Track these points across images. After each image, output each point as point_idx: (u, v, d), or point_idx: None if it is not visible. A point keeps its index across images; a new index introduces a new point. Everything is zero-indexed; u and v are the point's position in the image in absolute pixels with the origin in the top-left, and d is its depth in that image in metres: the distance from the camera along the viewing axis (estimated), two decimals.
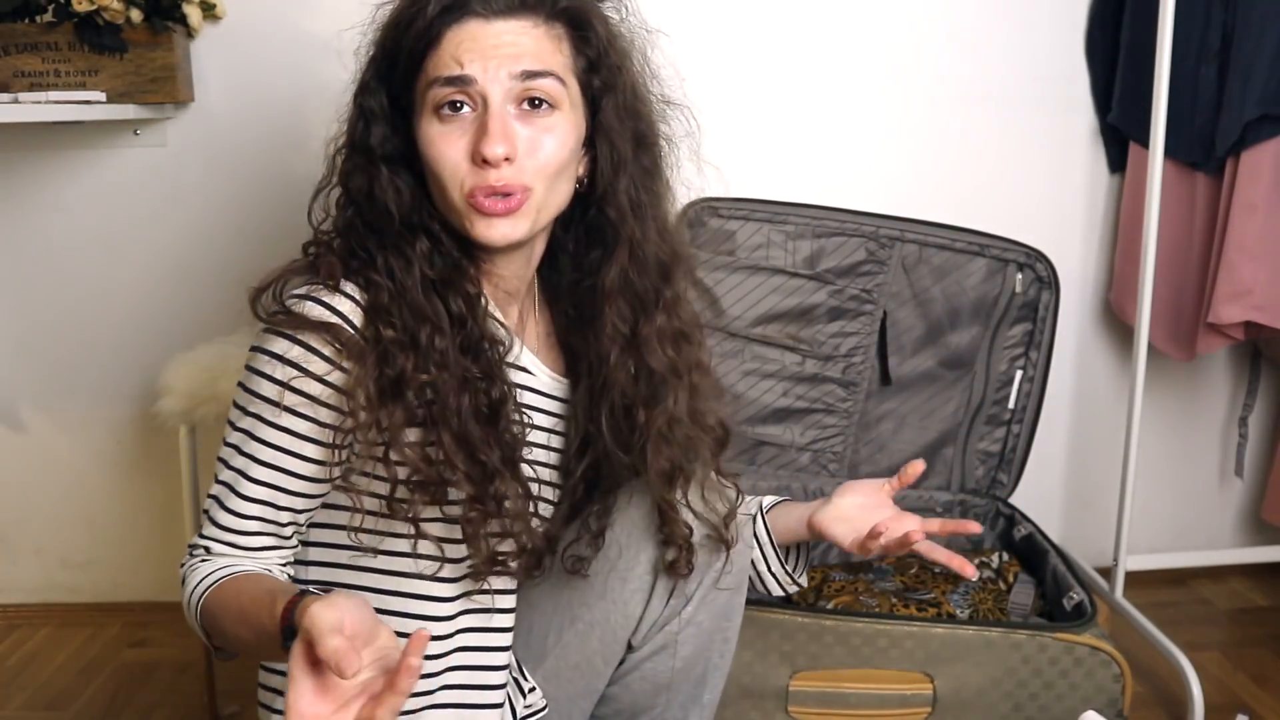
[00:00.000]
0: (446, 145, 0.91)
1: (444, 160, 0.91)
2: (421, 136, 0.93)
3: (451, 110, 0.91)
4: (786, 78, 1.85)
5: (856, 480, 1.17)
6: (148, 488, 1.95)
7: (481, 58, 0.90)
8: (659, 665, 1.10)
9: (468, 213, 0.92)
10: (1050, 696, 1.40)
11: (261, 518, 0.93)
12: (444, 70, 0.91)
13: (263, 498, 0.92)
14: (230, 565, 0.92)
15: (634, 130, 0.99)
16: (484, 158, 0.89)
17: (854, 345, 1.76)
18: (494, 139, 0.89)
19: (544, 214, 0.95)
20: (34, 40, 1.60)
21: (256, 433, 0.91)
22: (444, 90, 0.91)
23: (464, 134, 0.91)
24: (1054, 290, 1.76)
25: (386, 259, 0.92)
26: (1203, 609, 1.99)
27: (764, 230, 1.72)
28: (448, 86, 0.90)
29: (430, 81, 0.91)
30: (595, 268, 1.01)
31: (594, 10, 0.97)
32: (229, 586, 0.90)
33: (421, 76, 0.92)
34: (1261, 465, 2.08)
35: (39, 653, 1.87)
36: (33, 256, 1.85)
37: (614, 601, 1.07)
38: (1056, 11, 1.87)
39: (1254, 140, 1.65)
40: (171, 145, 1.81)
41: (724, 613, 1.11)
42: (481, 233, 0.92)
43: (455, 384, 0.91)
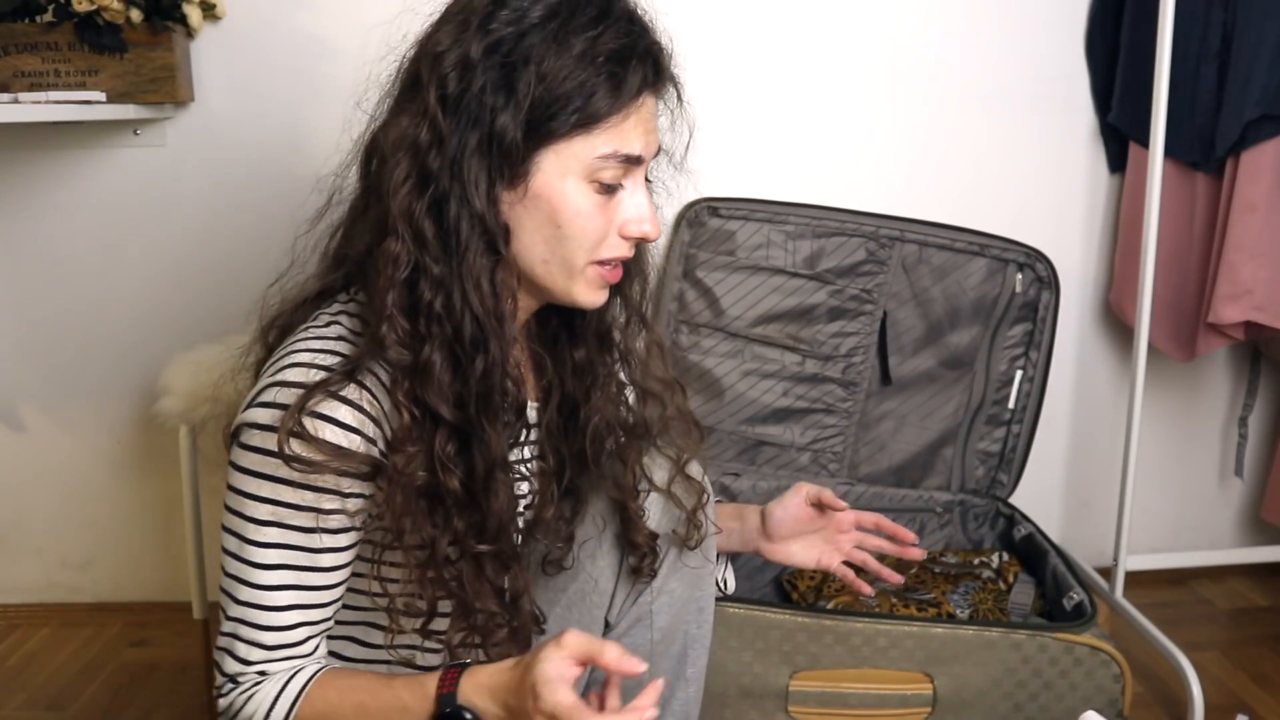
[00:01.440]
0: (598, 218, 0.88)
1: (589, 231, 0.87)
2: (564, 198, 0.86)
3: (614, 184, 0.87)
4: (787, 78, 1.85)
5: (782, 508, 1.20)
6: (148, 488, 1.95)
7: (646, 136, 0.88)
8: (637, 639, 1.10)
9: (588, 276, 0.90)
10: (1050, 696, 1.40)
11: (302, 622, 0.90)
12: (624, 148, 0.86)
13: (294, 601, 0.89)
14: (297, 672, 0.90)
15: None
16: (646, 240, 0.90)
17: (854, 345, 1.76)
18: (656, 226, 0.90)
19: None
20: (34, 40, 1.60)
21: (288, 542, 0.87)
22: (619, 169, 0.87)
23: (611, 204, 0.88)
24: (1054, 290, 1.76)
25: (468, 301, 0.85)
26: (1203, 609, 1.99)
27: (764, 230, 1.72)
28: (626, 164, 0.87)
29: (608, 154, 0.86)
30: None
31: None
32: (326, 692, 0.88)
33: (583, 138, 0.85)
34: (1261, 465, 2.08)
35: (39, 653, 1.87)
36: (33, 256, 1.85)
37: (587, 578, 1.08)
38: (1056, 11, 1.87)
39: (1254, 140, 1.65)
40: (171, 145, 1.81)
41: (695, 581, 1.12)
42: (590, 298, 0.91)
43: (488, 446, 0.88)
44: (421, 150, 0.83)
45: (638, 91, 0.85)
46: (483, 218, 0.84)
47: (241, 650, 0.89)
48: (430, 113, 0.83)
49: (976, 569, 1.68)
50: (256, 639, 0.89)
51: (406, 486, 0.85)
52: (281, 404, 0.83)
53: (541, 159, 0.84)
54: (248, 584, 0.87)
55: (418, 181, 0.83)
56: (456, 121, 0.82)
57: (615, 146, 0.86)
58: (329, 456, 0.83)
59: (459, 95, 0.82)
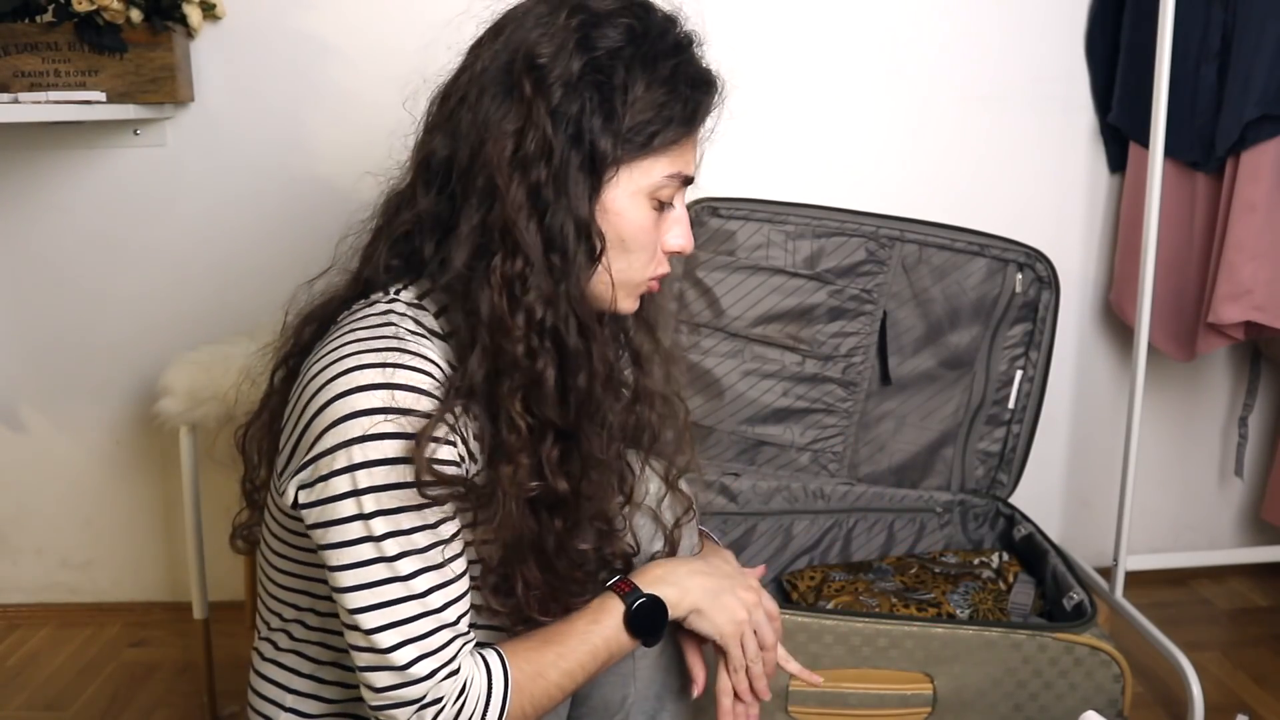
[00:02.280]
0: (654, 232, 0.91)
1: (647, 246, 0.91)
2: (626, 214, 0.89)
3: (667, 204, 0.91)
4: (787, 78, 1.85)
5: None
6: (148, 488, 1.95)
7: (696, 158, 0.92)
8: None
9: (639, 290, 0.93)
10: (1050, 696, 1.40)
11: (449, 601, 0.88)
12: (686, 170, 0.90)
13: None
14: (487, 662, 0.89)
15: None
16: (683, 252, 0.93)
17: (854, 345, 1.76)
18: (691, 241, 0.94)
19: None
20: (34, 40, 1.60)
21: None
22: (677, 188, 0.91)
23: (663, 225, 0.92)
24: (1054, 290, 1.76)
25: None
26: (1203, 609, 1.99)
27: (764, 230, 1.71)
28: (682, 185, 0.91)
29: (670, 175, 0.89)
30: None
31: None
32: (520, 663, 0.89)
33: (653, 159, 0.88)
34: (1261, 465, 2.08)
35: (39, 653, 1.87)
36: (33, 256, 1.85)
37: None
38: (1056, 11, 1.87)
39: (1254, 140, 1.65)
40: (171, 145, 1.81)
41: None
42: (630, 307, 0.94)
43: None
44: (531, 163, 0.83)
45: (705, 117, 0.90)
46: (587, 229, 0.86)
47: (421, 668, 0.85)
48: (540, 125, 0.83)
49: (976, 569, 1.68)
50: (430, 646, 0.85)
51: (518, 497, 0.86)
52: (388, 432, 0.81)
53: (619, 176, 0.87)
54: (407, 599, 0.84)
55: (530, 196, 0.84)
56: (562, 136, 0.84)
57: (679, 168, 0.89)
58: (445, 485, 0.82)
59: (562, 109, 0.84)
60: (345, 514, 0.81)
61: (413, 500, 0.81)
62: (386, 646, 0.82)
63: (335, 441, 0.80)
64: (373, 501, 0.80)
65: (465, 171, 0.85)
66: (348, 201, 1.87)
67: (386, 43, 1.78)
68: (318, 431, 0.81)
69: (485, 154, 0.84)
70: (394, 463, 0.80)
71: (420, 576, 0.83)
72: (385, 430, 0.79)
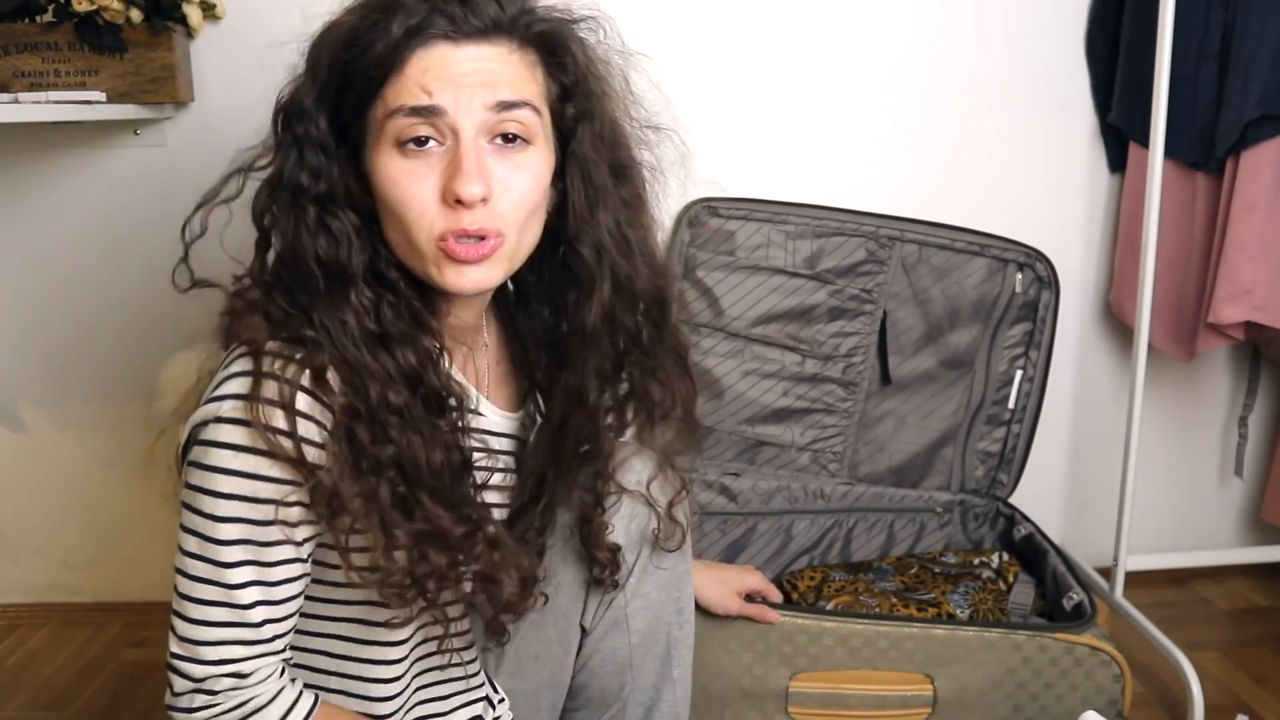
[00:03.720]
0: (412, 183, 0.83)
1: (410, 200, 0.83)
2: (379, 172, 0.84)
3: (417, 145, 0.83)
4: (786, 77, 1.85)
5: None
6: (148, 488, 1.94)
7: (453, 86, 0.82)
8: (615, 643, 1.10)
9: (437, 259, 0.84)
10: (1050, 697, 1.40)
11: (268, 619, 0.87)
12: (409, 99, 0.82)
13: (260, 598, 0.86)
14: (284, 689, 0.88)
15: (611, 160, 0.93)
16: (459, 199, 0.81)
17: (854, 345, 1.76)
18: (470, 178, 0.81)
19: (517, 257, 0.89)
20: (34, 40, 1.60)
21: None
22: (409, 121, 0.82)
23: (431, 171, 0.83)
24: (1054, 290, 1.76)
25: (316, 314, 0.84)
26: (1203, 609, 1.99)
27: (764, 230, 1.72)
28: (413, 117, 0.82)
29: (392, 111, 0.83)
30: (573, 310, 0.96)
31: (570, 33, 0.90)
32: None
33: (379, 104, 0.84)
34: (1261, 465, 2.08)
35: (39, 653, 1.87)
36: (33, 256, 1.85)
37: (559, 585, 1.08)
38: (1056, 11, 1.87)
39: (1254, 140, 1.65)
40: (171, 145, 1.81)
41: (671, 583, 1.12)
42: (452, 280, 0.85)
43: (422, 443, 0.85)
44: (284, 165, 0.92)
45: (405, 36, 0.83)
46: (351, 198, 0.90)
47: (211, 653, 0.86)
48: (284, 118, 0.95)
49: (976, 569, 1.68)
50: (231, 637, 0.86)
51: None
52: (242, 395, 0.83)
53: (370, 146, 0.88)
54: (215, 584, 0.85)
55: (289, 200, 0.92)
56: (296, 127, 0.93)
57: (400, 101, 0.83)
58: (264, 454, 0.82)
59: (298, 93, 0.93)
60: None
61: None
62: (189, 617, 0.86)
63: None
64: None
65: None
66: None
67: None
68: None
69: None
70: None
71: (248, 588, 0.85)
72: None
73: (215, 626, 0.85)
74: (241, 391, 0.82)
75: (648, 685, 1.13)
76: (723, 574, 1.38)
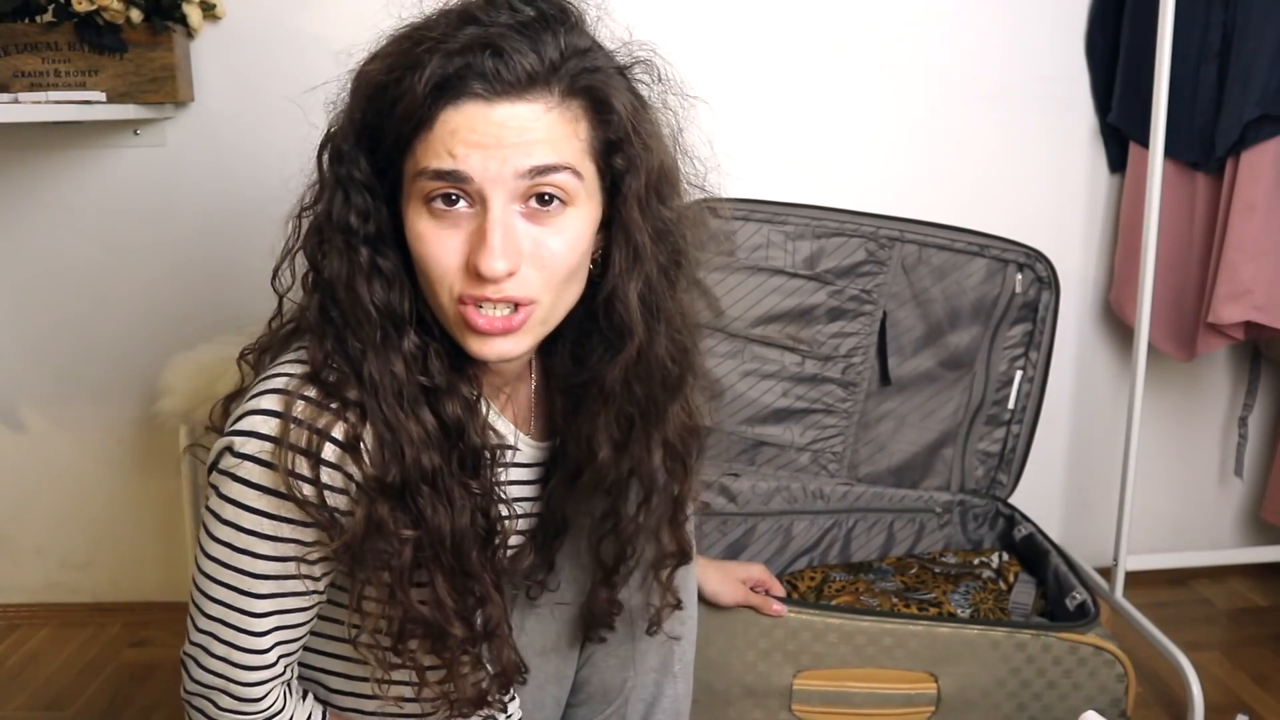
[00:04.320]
0: (437, 245, 0.78)
1: (433, 262, 0.78)
2: (409, 226, 0.80)
3: (445, 204, 0.77)
4: (785, 77, 1.85)
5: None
6: (148, 488, 1.94)
7: (481, 149, 0.76)
8: (620, 636, 1.10)
9: (459, 325, 0.80)
10: (1054, 696, 1.40)
11: (278, 641, 0.88)
12: (435, 161, 0.77)
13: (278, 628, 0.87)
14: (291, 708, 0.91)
15: (655, 220, 0.88)
16: (479, 273, 0.76)
17: (854, 345, 1.76)
18: (494, 254, 0.76)
19: (551, 321, 0.84)
20: (34, 40, 1.60)
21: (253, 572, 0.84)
22: (435, 185, 0.77)
23: (458, 233, 0.78)
24: (1054, 290, 1.76)
25: (367, 364, 0.80)
26: (1203, 609, 1.99)
27: (764, 230, 1.71)
28: (439, 180, 0.77)
29: (420, 171, 0.78)
30: (598, 364, 0.91)
31: (618, 84, 0.83)
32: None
33: (410, 159, 0.79)
34: (1261, 465, 2.08)
35: (39, 653, 1.87)
36: (33, 256, 1.85)
37: (566, 580, 1.08)
38: (1056, 11, 1.87)
39: (1254, 140, 1.65)
40: (171, 145, 1.81)
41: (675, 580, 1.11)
42: (475, 349, 0.80)
43: (449, 515, 0.82)
44: (332, 203, 0.87)
45: (432, 93, 0.77)
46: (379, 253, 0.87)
47: (223, 669, 0.87)
48: (329, 157, 0.89)
49: (976, 569, 1.68)
50: (243, 661, 0.87)
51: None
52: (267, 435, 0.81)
53: (404, 198, 0.85)
54: (234, 608, 0.85)
55: (341, 240, 0.86)
56: (339, 169, 0.87)
57: (427, 163, 0.78)
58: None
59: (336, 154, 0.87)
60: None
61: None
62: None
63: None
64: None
65: None
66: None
67: None
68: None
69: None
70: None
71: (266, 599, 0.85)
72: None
73: (222, 645, 0.86)
74: (271, 434, 0.80)
75: (649, 681, 1.13)
76: (727, 566, 1.40)
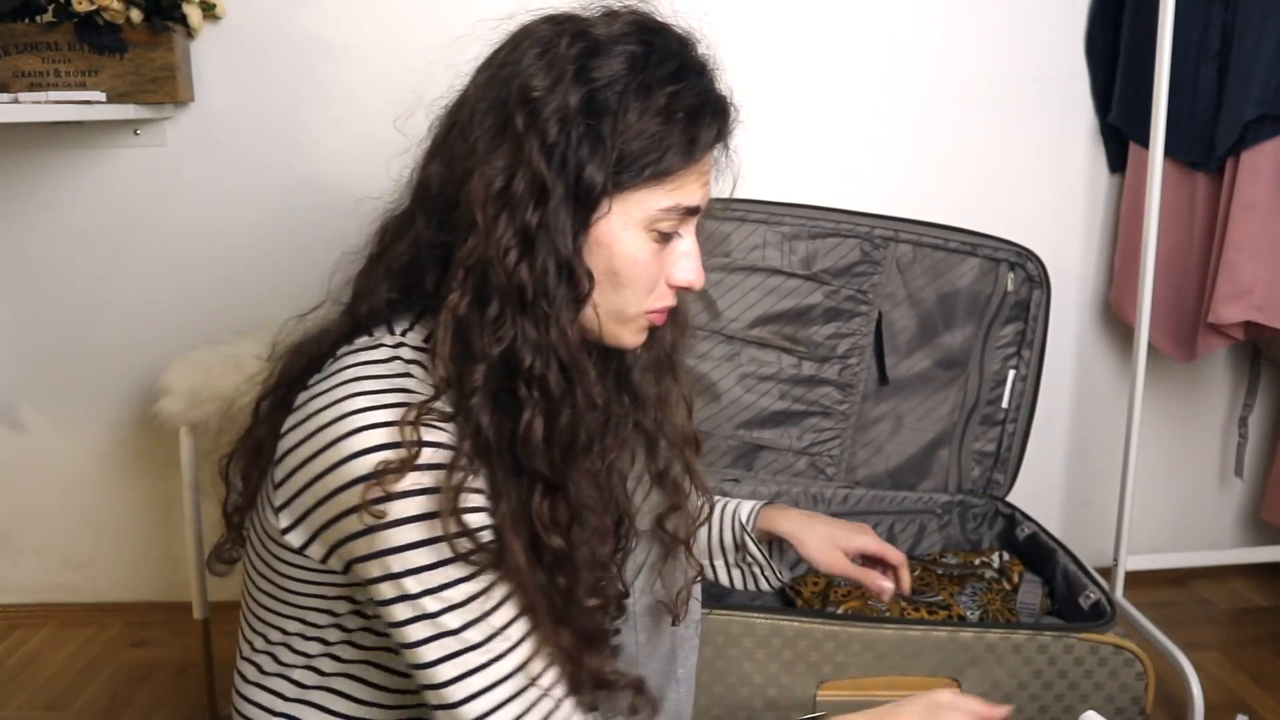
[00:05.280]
0: (654, 267, 0.86)
1: (644, 281, 0.86)
2: (619, 245, 0.83)
3: (671, 234, 0.86)
4: (784, 77, 1.85)
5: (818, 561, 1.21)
6: (148, 488, 1.95)
7: (704, 188, 0.86)
8: (625, 640, 1.10)
9: (638, 326, 0.89)
10: (1075, 697, 1.39)
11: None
12: (688, 200, 0.84)
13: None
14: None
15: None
16: (690, 289, 0.89)
17: (850, 346, 1.76)
18: (701, 274, 0.89)
19: None
20: (34, 40, 1.60)
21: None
22: (679, 220, 0.85)
23: (663, 251, 0.87)
24: (1045, 289, 1.76)
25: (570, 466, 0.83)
26: (1203, 609, 1.99)
27: (759, 231, 1.71)
28: (686, 216, 0.86)
29: (670, 206, 0.84)
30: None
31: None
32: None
33: (651, 186, 0.83)
34: (1261, 465, 2.08)
35: (39, 653, 1.87)
36: (33, 256, 1.85)
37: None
38: (1056, 11, 1.87)
39: (1254, 140, 1.65)
40: (171, 145, 1.81)
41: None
42: (632, 340, 0.90)
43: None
44: (518, 204, 0.79)
45: (708, 148, 0.85)
46: (572, 268, 0.81)
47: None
48: (532, 163, 0.79)
49: (978, 569, 1.68)
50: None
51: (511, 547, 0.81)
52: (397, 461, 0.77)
53: (611, 208, 0.83)
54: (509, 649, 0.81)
55: (516, 238, 0.79)
56: (553, 173, 0.79)
57: (678, 200, 0.84)
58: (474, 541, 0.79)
59: (554, 145, 0.79)
60: (387, 593, 0.78)
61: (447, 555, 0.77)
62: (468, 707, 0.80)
63: (355, 502, 0.76)
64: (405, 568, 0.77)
65: (453, 204, 0.82)
66: (347, 202, 1.87)
67: (387, 42, 1.78)
68: (332, 488, 0.78)
69: (470, 188, 0.79)
70: (421, 519, 0.77)
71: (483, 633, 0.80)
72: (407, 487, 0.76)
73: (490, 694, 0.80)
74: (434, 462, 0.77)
75: (652, 685, 1.13)
76: (833, 530, 1.21)
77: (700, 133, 0.83)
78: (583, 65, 0.80)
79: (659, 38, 0.85)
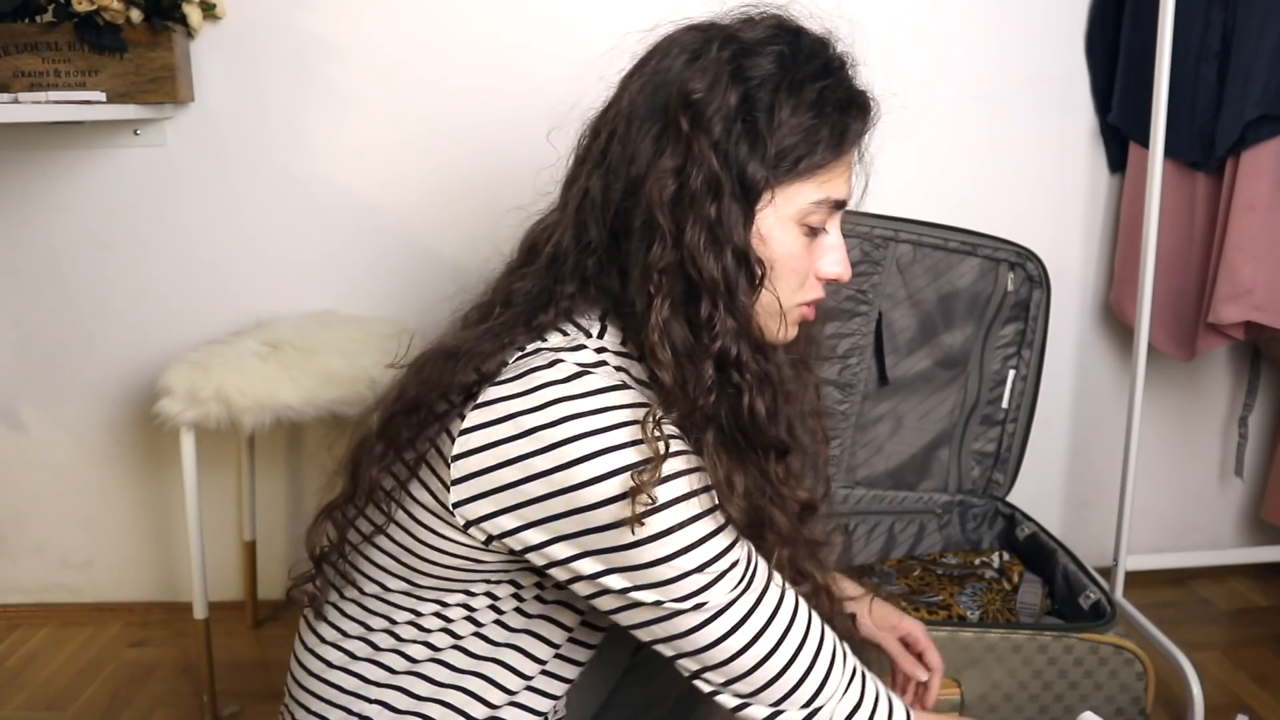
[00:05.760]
0: (806, 258, 0.88)
1: (800, 274, 0.88)
2: (775, 238, 0.86)
3: (818, 229, 0.88)
4: None
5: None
6: (148, 488, 1.95)
7: (850, 182, 0.90)
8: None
9: (791, 318, 0.90)
10: (1075, 697, 1.39)
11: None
12: (837, 193, 0.87)
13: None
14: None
15: None
16: (840, 281, 0.91)
17: (850, 346, 1.76)
18: (849, 266, 0.91)
19: None
20: (34, 40, 1.60)
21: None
22: (829, 213, 0.88)
23: (812, 245, 0.89)
24: (1045, 289, 1.76)
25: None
26: (1203, 609, 1.99)
27: None
28: (834, 210, 0.88)
29: (821, 200, 0.86)
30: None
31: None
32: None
33: (802, 181, 0.85)
34: (1261, 465, 2.08)
35: (39, 653, 1.87)
36: (33, 256, 1.85)
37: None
38: (1056, 11, 1.87)
39: (1254, 140, 1.65)
40: (171, 145, 1.81)
41: None
42: (786, 336, 0.91)
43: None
44: (699, 201, 0.82)
45: (856, 140, 0.89)
46: (747, 258, 0.84)
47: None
48: (704, 161, 0.81)
49: (978, 569, 1.68)
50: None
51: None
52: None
53: (770, 202, 0.85)
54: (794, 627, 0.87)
55: (705, 234, 0.82)
56: (722, 170, 0.82)
57: (828, 193, 0.87)
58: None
59: (719, 142, 0.82)
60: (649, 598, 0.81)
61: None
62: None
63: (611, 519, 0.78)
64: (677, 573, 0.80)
65: (622, 210, 0.85)
66: (348, 201, 1.86)
67: (386, 42, 1.78)
68: (587, 501, 0.79)
69: (645, 193, 0.82)
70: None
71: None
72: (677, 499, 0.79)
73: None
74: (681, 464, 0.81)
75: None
76: (884, 609, 1.24)
77: (849, 125, 0.88)
78: (737, 66, 0.83)
79: (802, 38, 0.89)
